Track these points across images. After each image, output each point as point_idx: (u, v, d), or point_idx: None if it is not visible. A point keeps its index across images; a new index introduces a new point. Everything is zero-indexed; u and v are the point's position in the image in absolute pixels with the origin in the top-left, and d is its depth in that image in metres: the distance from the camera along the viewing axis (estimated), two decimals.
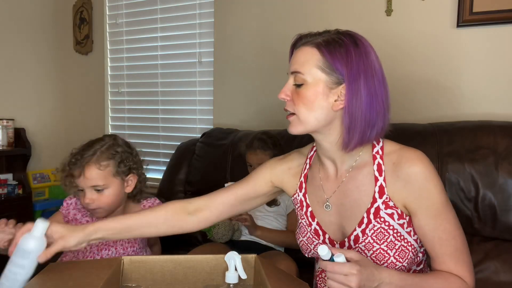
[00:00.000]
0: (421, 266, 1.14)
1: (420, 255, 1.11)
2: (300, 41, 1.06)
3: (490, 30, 1.94)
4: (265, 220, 1.86)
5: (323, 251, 0.89)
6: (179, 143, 2.58)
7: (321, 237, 1.13)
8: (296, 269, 1.64)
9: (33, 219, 3.13)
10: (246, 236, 1.84)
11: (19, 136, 3.09)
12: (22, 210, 2.96)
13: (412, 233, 1.05)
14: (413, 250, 1.05)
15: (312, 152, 1.21)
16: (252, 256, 0.99)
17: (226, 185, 2.08)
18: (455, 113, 2.00)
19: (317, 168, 1.17)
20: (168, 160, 2.53)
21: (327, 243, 1.09)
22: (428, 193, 1.01)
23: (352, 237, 1.07)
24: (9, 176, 3.06)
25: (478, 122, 1.73)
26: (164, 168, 2.53)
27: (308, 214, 1.16)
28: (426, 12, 2.06)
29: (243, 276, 0.90)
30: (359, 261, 0.91)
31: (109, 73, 3.24)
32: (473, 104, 1.99)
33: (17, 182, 3.00)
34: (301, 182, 1.19)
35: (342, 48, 0.99)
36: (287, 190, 1.23)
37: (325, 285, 1.15)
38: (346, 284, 0.87)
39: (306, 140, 2.02)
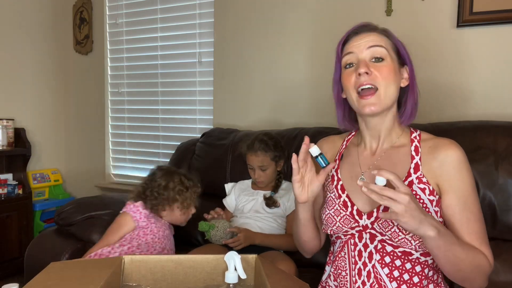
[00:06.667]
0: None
1: None
2: (364, 28, 1.17)
3: (490, 30, 1.94)
4: (264, 221, 1.86)
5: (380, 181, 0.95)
6: (179, 143, 2.58)
7: (349, 208, 1.19)
8: (295, 269, 1.63)
9: (33, 219, 3.13)
10: None
11: (19, 136, 3.09)
12: (22, 210, 2.97)
13: (438, 214, 1.12)
14: None
15: (349, 136, 1.33)
16: (252, 257, 0.99)
17: (226, 185, 2.09)
18: (455, 113, 2.00)
19: (354, 147, 1.28)
20: (168, 160, 2.53)
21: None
22: (461, 175, 1.11)
23: (382, 207, 1.13)
24: (9, 176, 3.06)
25: (478, 122, 1.73)
26: None
27: (339, 187, 1.24)
28: (426, 12, 2.06)
29: (243, 276, 0.90)
30: (411, 196, 0.95)
31: (109, 73, 3.24)
32: (473, 104, 1.99)
33: (17, 182, 3.01)
34: (336, 160, 1.30)
35: (395, 39, 1.17)
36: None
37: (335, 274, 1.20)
38: (392, 206, 0.93)
39: None
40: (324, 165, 1.08)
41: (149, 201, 1.75)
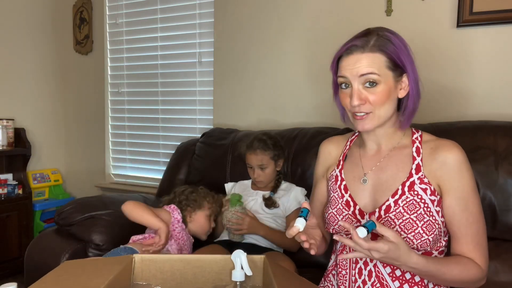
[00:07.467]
0: (442, 256, 1.19)
1: (444, 242, 1.18)
2: (355, 48, 1.12)
3: (490, 30, 1.95)
4: (264, 222, 1.86)
5: (362, 233, 0.96)
6: (179, 143, 2.59)
7: (352, 208, 1.21)
8: (295, 269, 1.65)
9: (33, 219, 3.13)
10: (246, 239, 1.84)
11: (19, 136, 3.09)
12: (22, 210, 2.97)
13: (440, 214, 1.14)
14: (439, 228, 1.13)
15: (353, 137, 1.35)
16: (260, 257, 1.00)
17: (226, 185, 2.09)
18: (455, 113, 2.01)
19: (357, 148, 1.30)
20: (168, 160, 2.54)
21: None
22: (461, 176, 1.13)
23: (384, 207, 1.15)
24: (9, 176, 3.06)
25: (478, 122, 1.74)
26: (164, 168, 2.54)
27: (342, 187, 1.26)
28: (426, 12, 2.07)
29: (249, 273, 0.91)
30: (393, 242, 0.97)
31: (109, 73, 3.24)
32: (473, 104, 2.00)
33: (17, 182, 3.01)
34: (339, 161, 1.31)
35: (394, 45, 1.12)
36: (329, 170, 1.35)
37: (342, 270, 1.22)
38: (367, 255, 0.99)
39: (306, 140, 2.04)
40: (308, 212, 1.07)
41: (178, 202, 1.86)
